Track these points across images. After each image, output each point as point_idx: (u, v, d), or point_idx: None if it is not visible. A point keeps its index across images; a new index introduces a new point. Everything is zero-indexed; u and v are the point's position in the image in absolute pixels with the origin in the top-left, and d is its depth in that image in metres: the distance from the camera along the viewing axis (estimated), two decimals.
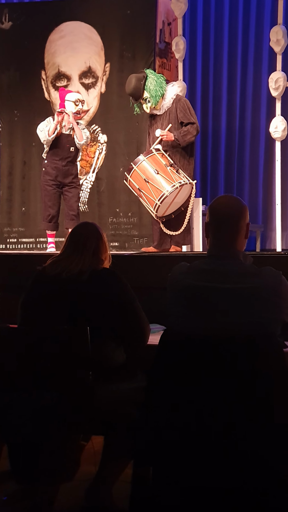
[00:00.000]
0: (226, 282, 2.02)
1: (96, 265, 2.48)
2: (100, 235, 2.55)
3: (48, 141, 5.24)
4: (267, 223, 6.54)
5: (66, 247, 2.53)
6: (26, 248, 6.36)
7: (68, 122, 5.25)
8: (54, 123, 5.21)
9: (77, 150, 5.36)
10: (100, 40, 6.17)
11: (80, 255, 2.46)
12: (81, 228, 2.60)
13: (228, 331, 1.98)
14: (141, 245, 5.85)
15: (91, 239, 2.51)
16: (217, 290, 2.02)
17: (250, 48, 6.53)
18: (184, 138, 4.68)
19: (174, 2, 5.72)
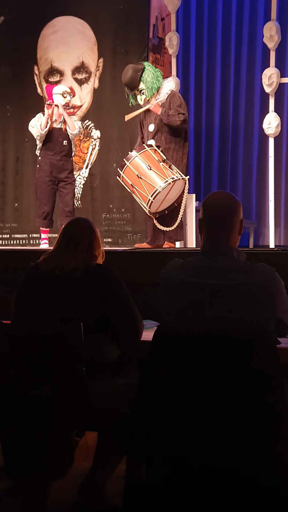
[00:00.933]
0: (219, 279, 2.02)
1: (90, 261, 2.48)
2: (93, 231, 2.55)
3: (42, 136, 5.23)
4: (260, 219, 6.55)
5: (60, 243, 2.53)
6: (19, 244, 6.35)
7: (58, 115, 5.24)
8: (45, 117, 5.19)
9: (70, 143, 5.34)
10: (93, 35, 6.15)
11: (74, 251, 2.46)
12: (74, 224, 2.59)
13: (222, 327, 1.98)
14: (135, 241, 5.85)
15: (84, 235, 2.51)
16: (210, 287, 2.02)
17: (244, 44, 6.52)
18: (168, 118, 4.63)
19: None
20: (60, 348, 2.28)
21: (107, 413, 2.28)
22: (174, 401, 1.93)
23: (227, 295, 2.01)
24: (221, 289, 2.02)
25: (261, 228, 6.53)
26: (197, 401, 1.91)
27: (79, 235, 2.50)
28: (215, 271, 2.04)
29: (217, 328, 1.98)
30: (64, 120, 5.25)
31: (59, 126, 5.27)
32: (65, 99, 5.30)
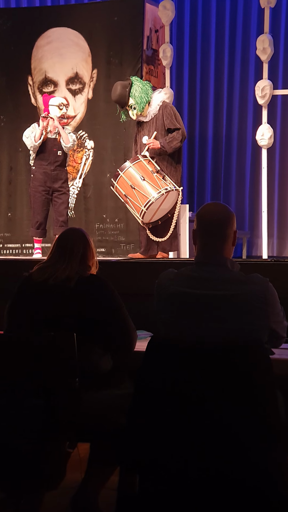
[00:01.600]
0: (213, 289, 2.02)
1: (83, 271, 2.47)
2: (87, 241, 2.55)
3: (35, 147, 5.23)
4: (253, 230, 6.57)
5: (53, 253, 2.52)
6: (12, 254, 6.33)
7: (53, 127, 5.25)
8: (40, 129, 5.20)
9: (65, 154, 5.35)
10: (87, 46, 6.17)
11: (67, 261, 2.45)
12: (68, 234, 2.59)
13: (215, 338, 1.98)
14: (128, 251, 5.85)
15: (78, 245, 2.51)
16: (204, 297, 2.02)
17: (237, 57, 6.58)
18: (170, 144, 4.69)
19: (161, 10, 5.75)
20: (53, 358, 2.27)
21: (100, 424, 2.27)
22: (167, 412, 1.92)
23: (221, 306, 2.01)
24: (215, 300, 2.02)
25: (254, 239, 6.55)
26: (191, 412, 1.90)
27: (73, 245, 2.50)
28: (209, 281, 2.05)
29: (211, 338, 1.98)
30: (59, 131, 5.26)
31: (54, 136, 5.28)
32: (61, 111, 5.31)
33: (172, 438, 1.91)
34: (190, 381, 1.92)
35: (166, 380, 1.94)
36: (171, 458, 1.90)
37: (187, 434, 1.89)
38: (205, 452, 1.88)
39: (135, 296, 3.22)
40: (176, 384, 1.93)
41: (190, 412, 1.90)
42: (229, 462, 1.86)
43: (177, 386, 1.93)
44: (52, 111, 5.30)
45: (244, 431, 1.87)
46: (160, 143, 4.68)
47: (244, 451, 1.87)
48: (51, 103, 5.34)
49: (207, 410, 1.90)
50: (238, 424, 1.88)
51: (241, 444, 1.87)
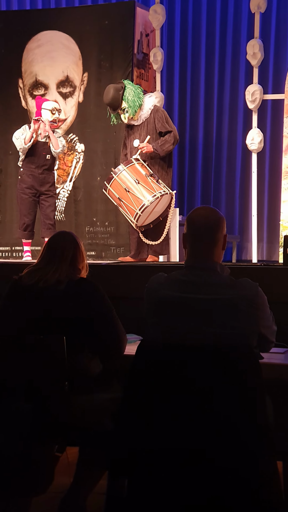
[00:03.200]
0: (203, 293, 2.03)
1: (74, 274, 2.47)
2: (77, 244, 2.55)
3: (24, 149, 5.22)
4: (243, 234, 6.59)
5: (43, 256, 2.52)
6: (2, 257, 6.30)
7: (44, 131, 5.24)
8: (30, 131, 5.19)
9: (53, 158, 5.34)
10: (78, 49, 6.17)
11: (58, 264, 2.45)
12: (58, 237, 2.59)
13: (205, 342, 1.98)
14: (118, 254, 5.84)
15: (68, 248, 2.50)
16: (194, 301, 2.02)
17: (227, 61, 6.60)
18: (162, 147, 4.70)
19: (152, 14, 5.77)
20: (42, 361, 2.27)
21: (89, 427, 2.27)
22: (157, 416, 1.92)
23: (211, 310, 2.02)
24: (205, 304, 2.02)
25: (244, 243, 6.57)
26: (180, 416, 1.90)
27: (63, 249, 2.50)
28: (199, 285, 2.05)
29: (200, 342, 1.98)
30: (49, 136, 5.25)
31: (44, 140, 5.27)
32: (53, 116, 5.31)
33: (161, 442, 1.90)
34: (180, 385, 1.92)
35: (155, 384, 1.94)
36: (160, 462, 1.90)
37: (176, 438, 1.89)
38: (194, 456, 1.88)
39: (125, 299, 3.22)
40: (166, 388, 1.93)
41: (179, 417, 1.90)
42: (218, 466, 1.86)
43: (166, 390, 1.93)
44: (44, 114, 5.30)
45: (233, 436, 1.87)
46: (153, 146, 4.68)
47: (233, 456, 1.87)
48: (44, 107, 5.33)
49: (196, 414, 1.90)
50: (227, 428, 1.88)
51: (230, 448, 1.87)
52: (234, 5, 6.54)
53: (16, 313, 2.43)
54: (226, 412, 1.88)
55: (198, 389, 1.91)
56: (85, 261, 2.58)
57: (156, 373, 1.94)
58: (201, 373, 1.91)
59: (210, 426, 1.87)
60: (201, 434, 1.88)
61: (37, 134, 5.22)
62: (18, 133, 5.28)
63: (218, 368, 1.91)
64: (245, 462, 1.86)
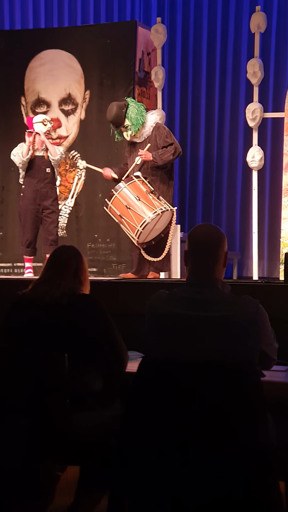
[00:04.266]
0: (204, 310, 2.03)
1: (78, 287, 2.47)
2: (80, 255, 2.56)
3: (24, 163, 5.25)
4: (244, 251, 6.60)
5: (47, 269, 2.52)
6: (3, 273, 6.31)
7: (40, 142, 5.27)
8: (27, 145, 5.23)
9: (53, 171, 5.36)
10: (80, 68, 6.24)
11: (61, 276, 2.45)
12: (61, 250, 2.61)
13: (206, 359, 1.98)
14: (119, 271, 5.84)
15: (71, 259, 2.52)
16: (195, 318, 2.02)
17: (228, 80, 6.67)
18: (161, 157, 4.70)
19: (153, 33, 5.84)
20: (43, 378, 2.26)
21: (90, 445, 2.25)
22: (158, 434, 1.91)
23: (212, 327, 2.02)
24: (206, 321, 2.02)
25: (245, 260, 6.58)
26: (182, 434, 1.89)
27: (66, 260, 2.51)
28: (200, 302, 2.05)
29: (201, 360, 1.98)
30: (47, 148, 5.28)
31: (41, 154, 5.30)
32: (45, 127, 5.34)
33: (162, 461, 1.89)
34: (181, 402, 1.91)
35: (156, 401, 1.93)
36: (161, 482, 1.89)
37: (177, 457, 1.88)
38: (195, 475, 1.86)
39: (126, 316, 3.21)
40: (167, 405, 1.92)
41: (180, 435, 1.89)
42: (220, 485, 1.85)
43: (168, 408, 1.92)
44: (37, 127, 5.34)
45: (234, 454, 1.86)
46: (152, 155, 4.69)
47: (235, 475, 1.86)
48: (34, 121, 5.38)
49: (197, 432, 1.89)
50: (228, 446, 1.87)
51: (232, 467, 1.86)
52: (235, 25, 6.62)
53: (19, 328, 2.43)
54: (227, 430, 1.87)
55: (199, 407, 1.90)
56: (88, 273, 2.58)
57: (158, 391, 1.93)
58: (202, 391, 1.91)
59: (211, 444, 1.86)
60: (203, 452, 1.87)
61: (34, 148, 5.24)
62: (15, 150, 5.32)
63: (219, 386, 1.90)
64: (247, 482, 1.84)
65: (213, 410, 1.89)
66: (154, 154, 4.70)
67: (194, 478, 1.86)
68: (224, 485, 1.85)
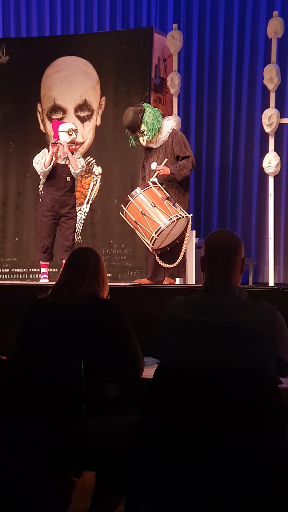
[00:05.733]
0: (221, 317, 2.01)
1: (97, 289, 2.46)
2: (98, 257, 2.55)
3: (45, 173, 5.29)
4: (259, 257, 6.57)
5: (66, 272, 2.51)
6: (19, 278, 6.34)
7: (63, 153, 5.30)
8: (49, 155, 5.26)
9: (73, 179, 5.39)
10: (96, 74, 6.27)
11: (81, 277, 2.44)
12: (79, 251, 2.61)
13: (223, 366, 1.97)
14: (135, 276, 5.84)
15: (90, 260, 2.51)
16: (212, 325, 2.01)
17: (244, 85, 6.65)
18: (180, 172, 4.73)
19: (169, 40, 5.84)
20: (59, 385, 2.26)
21: (106, 452, 2.24)
22: (174, 441, 1.90)
23: (229, 334, 2.00)
24: (223, 328, 2.01)
25: (261, 266, 6.54)
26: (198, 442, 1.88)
27: (85, 260, 2.50)
28: (217, 309, 2.04)
29: (218, 366, 1.96)
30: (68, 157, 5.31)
31: (64, 162, 5.33)
32: (70, 137, 5.37)
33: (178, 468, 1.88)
34: (197, 409, 1.90)
35: (172, 408, 1.92)
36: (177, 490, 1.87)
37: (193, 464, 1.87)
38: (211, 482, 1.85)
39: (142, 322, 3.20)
40: (183, 412, 1.91)
41: (196, 442, 1.88)
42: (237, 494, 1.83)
43: (183, 415, 1.91)
44: (62, 137, 5.36)
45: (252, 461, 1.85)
46: (170, 170, 4.71)
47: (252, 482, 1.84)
48: (60, 129, 5.40)
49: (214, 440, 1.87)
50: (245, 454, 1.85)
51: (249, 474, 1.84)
52: (251, 31, 6.61)
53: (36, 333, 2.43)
54: (244, 437, 1.86)
55: (215, 413, 1.89)
56: (106, 276, 2.57)
57: (174, 397, 1.92)
58: (218, 397, 1.89)
59: (228, 451, 1.85)
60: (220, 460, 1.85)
61: (56, 157, 5.28)
62: (38, 157, 5.35)
63: (235, 392, 1.89)
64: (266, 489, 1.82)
65: (229, 417, 1.87)
66: (172, 168, 4.71)
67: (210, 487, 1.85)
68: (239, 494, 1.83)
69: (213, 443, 1.87)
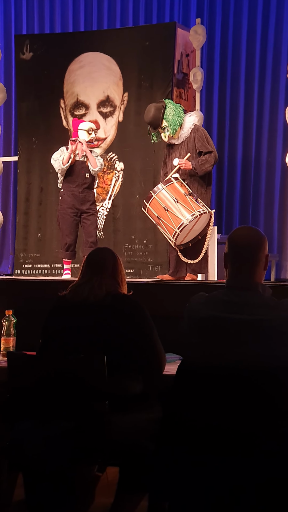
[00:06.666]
0: (244, 314, 2.01)
1: (116, 287, 2.48)
2: (115, 256, 2.58)
3: (63, 170, 5.31)
4: (282, 253, 6.53)
5: (85, 272, 2.54)
6: (41, 274, 6.39)
7: (82, 151, 5.32)
8: (68, 152, 5.28)
9: (92, 176, 5.41)
10: (119, 70, 6.27)
11: (100, 276, 2.47)
12: (96, 251, 2.65)
13: (246, 363, 1.96)
14: (156, 272, 5.85)
15: (108, 260, 2.54)
16: (235, 322, 2.01)
17: (267, 80, 6.60)
18: (202, 167, 4.71)
19: (192, 35, 5.82)
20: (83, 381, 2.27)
21: (129, 448, 2.26)
22: (197, 437, 1.90)
23: (252, 331, 2.00)
24: (246, 324, 2.00)
25: (283, 262, 6.50)
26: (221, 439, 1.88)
27: (103, 260, 2.53)
28: (240, 306, 2.03)
29: (240, 363, 1.96)
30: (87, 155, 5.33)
31: (82, 159, 5.35)
32: (89, 136, 5.38)
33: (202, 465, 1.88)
34: (220, 406, 1.90)
35: (195, 404, 1.93)
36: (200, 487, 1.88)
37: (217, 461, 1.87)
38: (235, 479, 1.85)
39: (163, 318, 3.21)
40: (206, 409, 1.91)
41: (219, 439, 1.88)
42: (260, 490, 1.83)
43: (206, 411, 1.91)
44: (81, 135, 5.38)
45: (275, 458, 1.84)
46: (192, 164, 4.70)
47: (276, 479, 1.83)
48: (80, 128, 5.42)
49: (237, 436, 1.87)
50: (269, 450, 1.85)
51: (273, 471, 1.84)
52: (275, 25, 6.55)
53: (60, 330, 2.45)
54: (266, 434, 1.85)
55: (238, 410, 1.89)
56: (124, 276, 2.59)
57: (197, 394, 1.92)
58: (242, 394, 1.89)
59: (252, 450, 1.85)
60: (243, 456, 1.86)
61: (75, 155, 5.30)
62: (56, 155, 5.38)
63: (258, 389, 1.89)
64: None
65: (252, 414, 1.87)
66: (194, 163, 4.70)
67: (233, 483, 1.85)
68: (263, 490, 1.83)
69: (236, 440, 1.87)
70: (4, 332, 3.18)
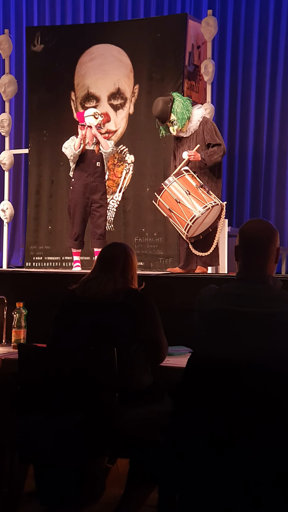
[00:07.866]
0: (255, 307, 2.01)
1: (126, 284, 2.49)
2: (127, 254, 2.57)
3: (75, 156, 5.31)
4: None
5: (95, 267, 2.56)
6: (52, 266, 6.40)
7: (91, 136, 5.32)
8: (79, 138, 5.29)
9: (103, 165, 5.41)
10: (130, 62, 6.24)
11: (108, 274, 2.48)
12: (108, 247, 2.65)
13: (256, 356, 1.96)
14: (166, 265, 5.84)
15: (118, 257, 2.54)
16: (245, 315, 2.00)
17: (279, 73, 6.55)
18: (210, 158, 4.70)
19: (204, 26, 5.78)
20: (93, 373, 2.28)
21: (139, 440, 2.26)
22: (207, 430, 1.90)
23: (262, 324, 1.99)
24: (256, 318, 2.00)
25: None
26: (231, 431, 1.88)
27: (113, 257, 2.54)
28: (251, 299, 2.03)
29: (251, 357, 1.96)
30: (97, 142, 5.33)
31: (92, 148, 5.36)
32: (97, 120, 5.39)
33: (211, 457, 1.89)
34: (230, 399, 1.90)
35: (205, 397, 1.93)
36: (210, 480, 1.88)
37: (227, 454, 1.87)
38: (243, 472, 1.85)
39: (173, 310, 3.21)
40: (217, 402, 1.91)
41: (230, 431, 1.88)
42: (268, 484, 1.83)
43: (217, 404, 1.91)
44: (88, 120, 5.39)
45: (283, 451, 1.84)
46: (201, 156, 4.69)
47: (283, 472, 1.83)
48: (86, 115, 5.44)
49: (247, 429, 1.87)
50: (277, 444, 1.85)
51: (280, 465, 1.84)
52: (287, 16, 6.49)
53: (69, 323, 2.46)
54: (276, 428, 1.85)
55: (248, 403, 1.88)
56: (135, 272, 2.59)
57: (207, 386, 1.92)
58: (251, 387, 1.89)
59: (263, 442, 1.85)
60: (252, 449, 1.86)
61: (85, 142, 5.30)
62: (67, 143, 5.39)
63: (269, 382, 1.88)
64: None
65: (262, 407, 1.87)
66: (203, 154, 4.68)
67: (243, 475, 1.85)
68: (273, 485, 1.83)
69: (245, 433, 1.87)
70: (15, 324, 3.19)
